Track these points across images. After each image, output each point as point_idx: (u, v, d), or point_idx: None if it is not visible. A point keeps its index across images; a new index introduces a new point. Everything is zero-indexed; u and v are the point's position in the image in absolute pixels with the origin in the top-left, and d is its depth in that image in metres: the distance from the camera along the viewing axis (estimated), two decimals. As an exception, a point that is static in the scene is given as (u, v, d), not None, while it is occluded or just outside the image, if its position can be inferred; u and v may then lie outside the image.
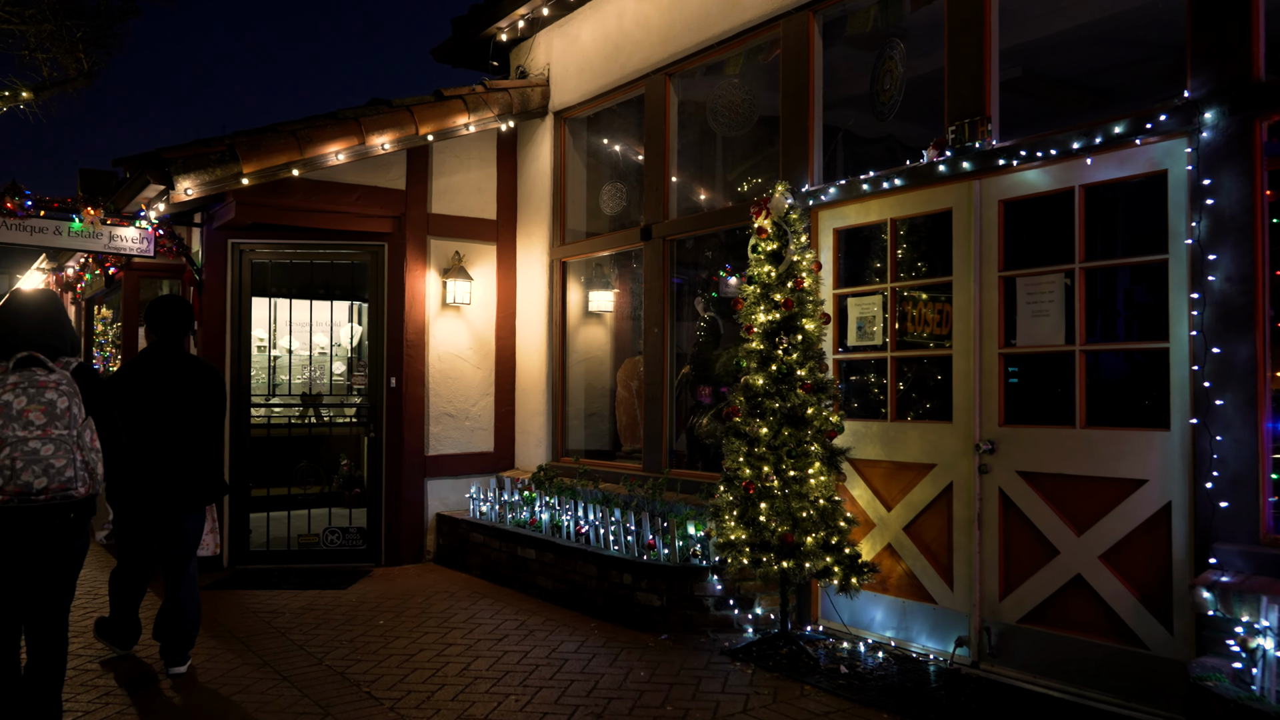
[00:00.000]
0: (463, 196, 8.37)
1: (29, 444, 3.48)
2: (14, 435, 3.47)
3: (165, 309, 5.11)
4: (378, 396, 8.03)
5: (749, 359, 5.36)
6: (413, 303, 8.03)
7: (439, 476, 8.18)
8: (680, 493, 6.46)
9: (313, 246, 8.05)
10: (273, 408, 8.84)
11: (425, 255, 8.12)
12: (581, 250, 8.05)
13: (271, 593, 6.96)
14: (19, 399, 3.53)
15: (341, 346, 11.63)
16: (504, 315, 8.55)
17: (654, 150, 7.13)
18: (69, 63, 12.23)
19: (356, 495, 10.51)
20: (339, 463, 10.74)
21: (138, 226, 7.66)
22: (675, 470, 6.66)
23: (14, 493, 3.46)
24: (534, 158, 8.45)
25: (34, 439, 3.49)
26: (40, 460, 3.49)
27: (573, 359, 8.28)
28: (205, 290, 7.84)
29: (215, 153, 6.79)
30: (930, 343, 5.75)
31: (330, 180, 7.69)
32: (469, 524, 7.64)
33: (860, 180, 5.45)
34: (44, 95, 11.79)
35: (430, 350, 8.16)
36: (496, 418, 8.50)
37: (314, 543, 8.01)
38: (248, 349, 7.99)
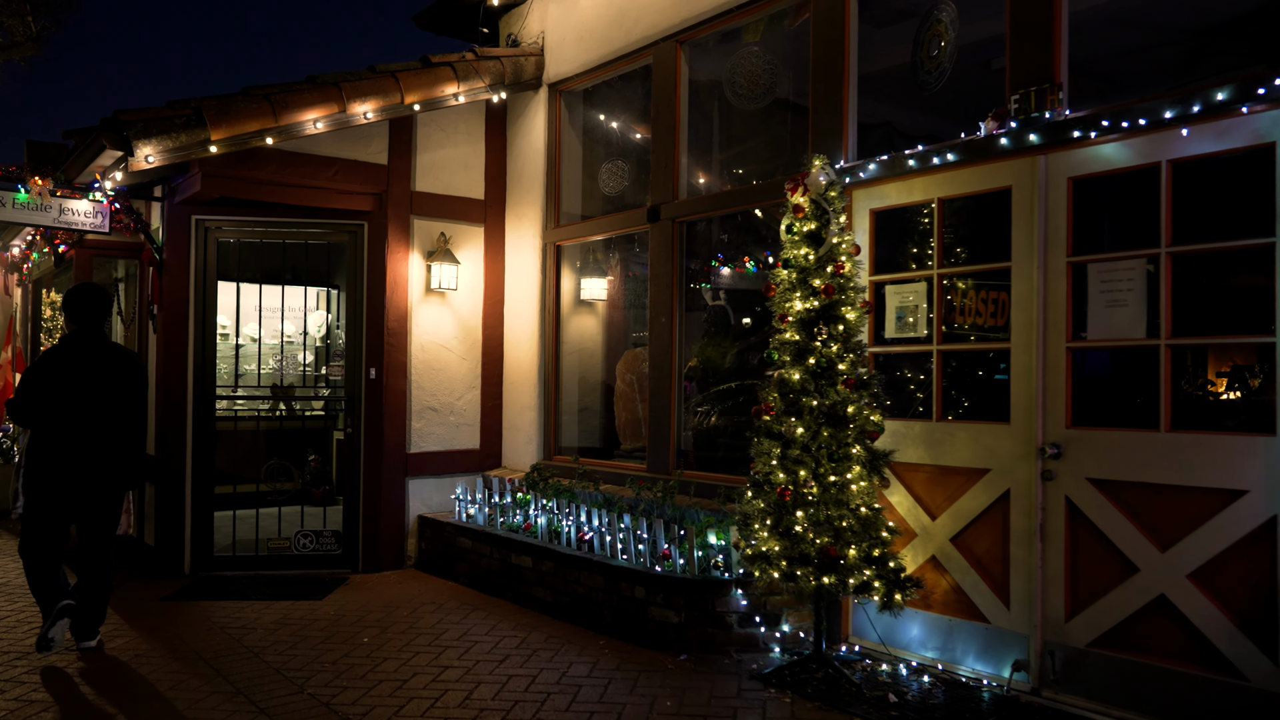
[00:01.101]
0: (449, 174, 7.76)
1: None
2: None
3: (82, 296, 5.19)
4: (356, 389, 7.40)
5: (782, 350, 4.84)
6: (394, 288, 7.42)
7: (421, 476, 7.58)
8: (694, 496, 5.93)
9: (286, 225, 7.39)
10: (237, 400, 8.19)
11: (408, 236, 7.51)
12: (578, 233, 7.48)
13: (240, 604, 6.33)
14: None
15: (310, 335, 10.96)
16: (491, 302, 7.96)
17: (663, 125, 6.58)
18: (15, 26, 11.40)
19: (325, 493, 9.90)
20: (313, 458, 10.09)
21: (91, 199, 6.97)
22: (688, 472, 6.12)
23: None
24: (526, 133, 7.86)
25: None
26: None
27: (564, 350, 7.71)
28: (166, 271, 7.16)
29: (180, 117, 6.13)
30: (973, 335, 5.27)
31: (306, 152, 7.05)
32: (455, 527, 7.06)
33: (905, 156, 4.95)
34: (-11, 61, 10.96)
35: (413, 339, 7.54)
36: (483, 412, 7.91)
37: (284, 547, 7.38)
38: (212, 337, 7.33)
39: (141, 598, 6.51)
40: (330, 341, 10.92)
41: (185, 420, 7.17)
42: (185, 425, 7.17)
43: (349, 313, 7.47)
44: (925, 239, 5.17)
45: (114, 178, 6.58)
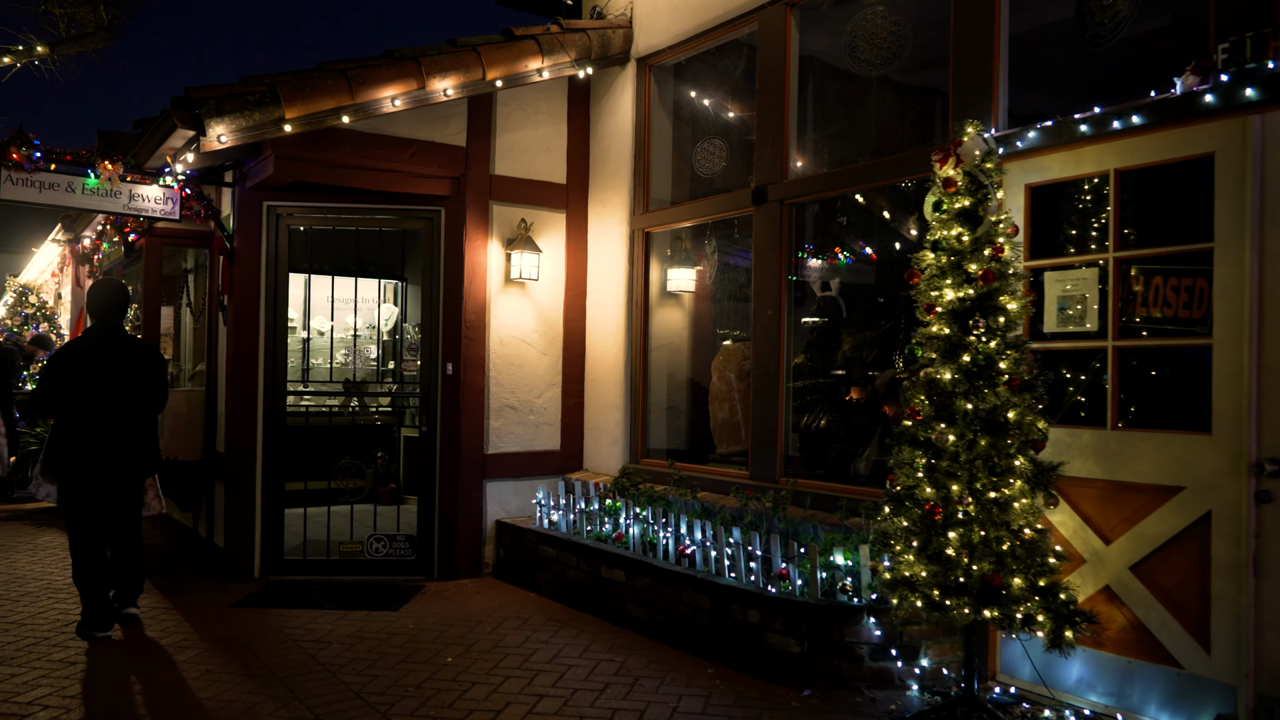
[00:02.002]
0: (529, 156, 7.27)
1: None
2: None
3: (102, 292, 5.51)
4: (431, 385, 6.96)
5: (927, 347, 4.24)
6: (473, 277, 6.95)
7: (499, 478, 7.11)
8: (809, 509, 5.35)
9: (359, 212, 6.97)
10: (306, 396, 7.82)
11: (487, 223, 7.04)
12: (670, 219, 6.94)
13: (313, 613, 5.92)
14: None
15: (378, 329, 10.61)
16: (573, 294, 7.45)
17: (769, 98, 6.00)
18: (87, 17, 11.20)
19: (392, 492, 9.53)
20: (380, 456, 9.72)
21: (161, 184, 6.61)
22: (801, 480, 5.54)
23: None
24: (611, 112, 7.33)
25: None
26: None
27: (651, 345, 7.18)
28: (237, 260, 6.78)
29: (254, 94, 5.72)
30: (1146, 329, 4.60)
31: (382, 133, 6.61)
32: (537, 535, 6.57)
33: (1075, 121, 4.31)
34: (61, 51, 10.77)
35: (491, 333, 7.08)
36: (564, 411, 7.41)
37: (357, 552, 6.96)
38: (284, 329, 6.94)
39: (211, 604, 6.14)
40: (397, 335, 10.55)
41: (255, 417, 6.79)
42: (255, 422, 6.79)
43: (425, 304, 7.03)
44: (1092, 218, 4.53)
45: (185, 160, 6.20)
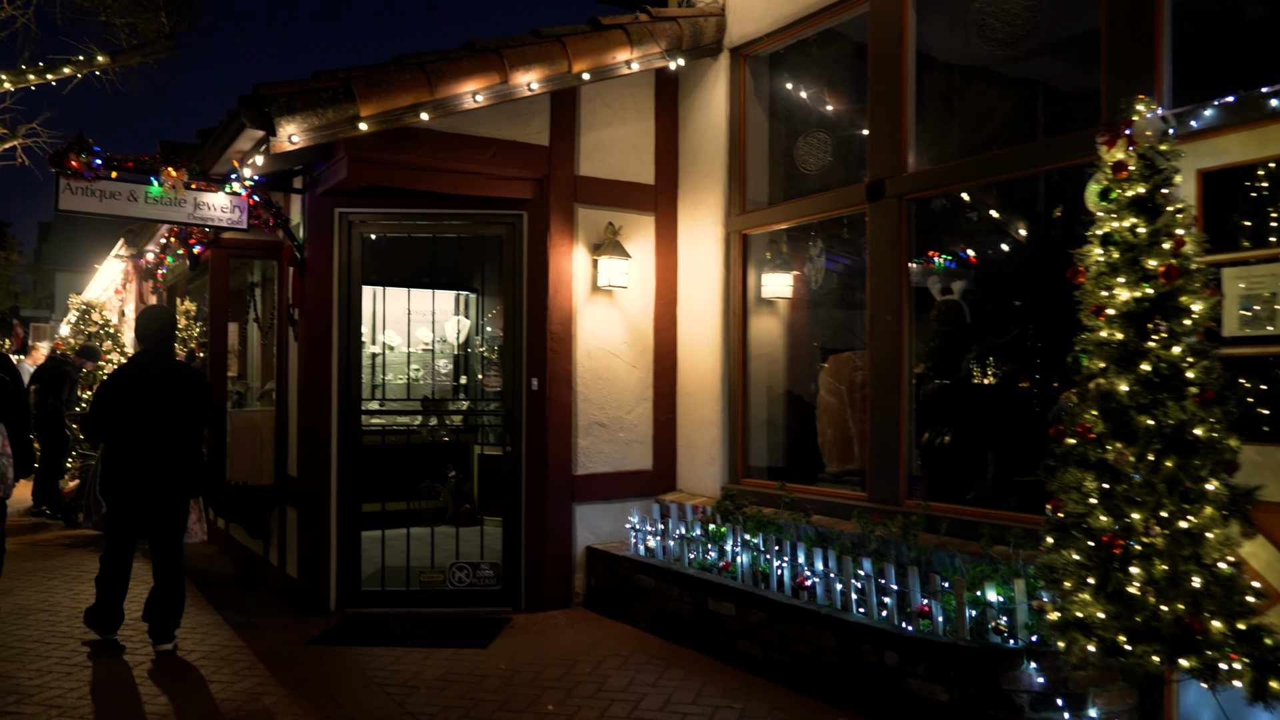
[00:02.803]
0: (615, 156, 6.81)
1: None
2: None
3: (149, 319, 5.67)
4: (515, 401, 6.50)
5: (1096, 354, 3.67)
6: (558, 286, 6.49)
7: (589, 501, 6.63)
8: (945, 535, 4.78)
9: (436, 218, 6.56)
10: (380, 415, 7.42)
11: (572, 227, 6.58)
12: (771, 219, 6.41)
13: (395, 652, 5.48)
14: None
15: (449, 343, 10.23)
16: (663, 302, 6.96)
17: (884, 84, 5.46)
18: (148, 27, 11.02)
19: (468, 513, 9.11)
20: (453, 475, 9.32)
21: (228, 192, 6.26)
22: (934, 504, 4.96)
23: None
24: (702, 107, 6.84)
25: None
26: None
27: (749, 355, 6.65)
28: (308, 271, 6.40)
29: (326, 90, 5.33)
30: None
31: (461, 132, 6.20)
32: (633, 562, 6.07)
33: (1266, 96, 3.72)
34: (122, 61, 10.58)
35: (578, 345, 6.61)
36: (655, 428, 6.91)
37: (438, 582, 6.52)
38: (358, 344, 6.54)
39: (286, 640, 5.73)
40: (469, 349, 10.16)
41: (329, 438, 6.39)
42: (329, 444, 6.39)
43: (507, 316, 6.58)
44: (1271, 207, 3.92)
45: (254, 163, 5.83)
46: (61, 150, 5.81)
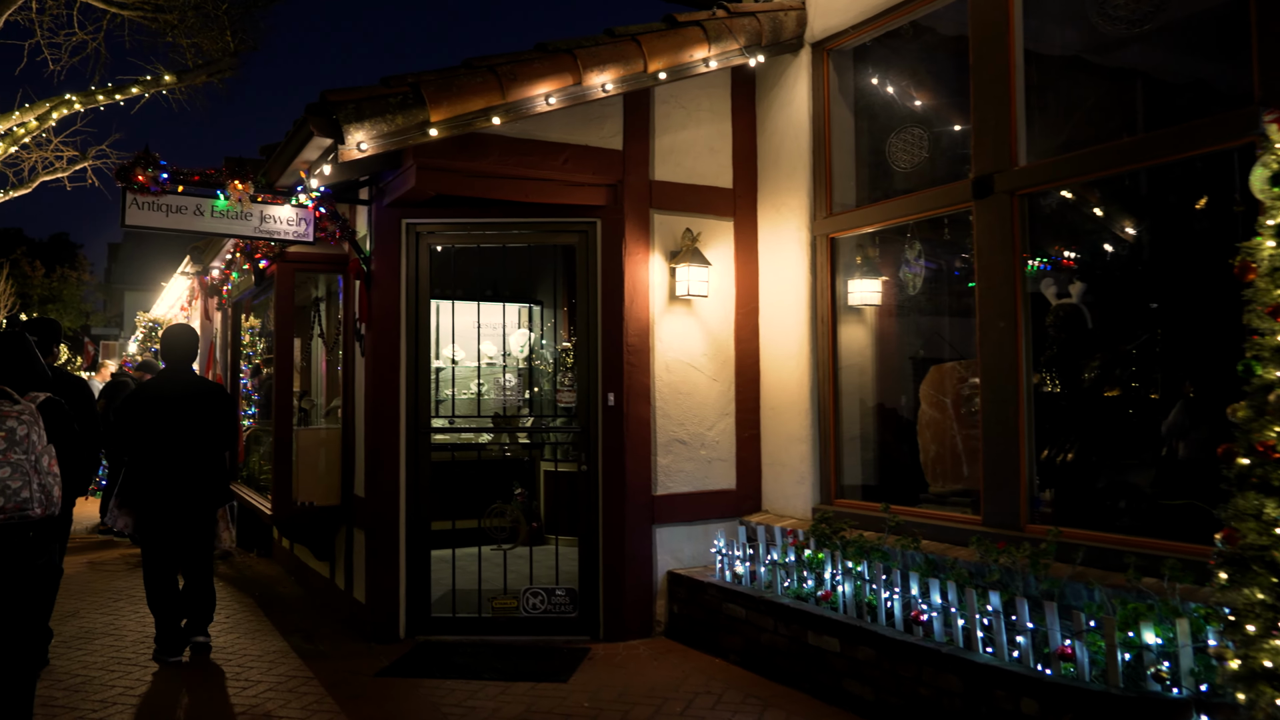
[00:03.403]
0: (691, 159, 6.46)
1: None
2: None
3: (174, 338, 5.90)
4: (590, 417, 6.18)
5: (1274, 362, 3.22)
6: (634, 296, 6.16)
7: (669, 523, 6.27)
8: (1081, 565, 4.32)
9: (505, 227, 6.27)
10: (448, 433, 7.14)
11: (648, 235, 6.25)
12: (861, 221, 6.01)
13: (470, 685, 5.16)
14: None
15: (513, 357, 9.96)
16: (744, 311, 6.59)
17: (989, 71, 5.04)
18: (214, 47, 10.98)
19: (533, 531, 8.82)
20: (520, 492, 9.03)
21: (294, 204, 6.04)
22: (1069, 530, 4.49)
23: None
24: (782, 105, 6.47)
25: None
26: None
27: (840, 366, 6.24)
28: (375, 284, 6.15)
29: (396, 95, 5.06)
30: None
31: (532, 138, 5.91)
32: (721, 590, 5.69)
33: None
34: (188, 80, 10.53)
35: (656, 358, 6.26)
36: (738, 445, 6.53)
37: (511, 608, 6.21)
38: (426, 359, 6.27)
39: (355, 670, 5.46)
40: (535, 364, 9.88)
41: (398, 457, 6.12)
42: (398, 463, 6.12)
43: (581, 328, 6.26)
44: None
45: (321, 173, 5.59)
46: (128, 165, 5.65)
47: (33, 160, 12.03)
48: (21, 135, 9.82)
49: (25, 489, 3.76)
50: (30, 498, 3.78)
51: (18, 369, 4.12)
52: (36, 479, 3.81)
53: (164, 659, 5.68)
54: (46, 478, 3.86)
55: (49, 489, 3.86)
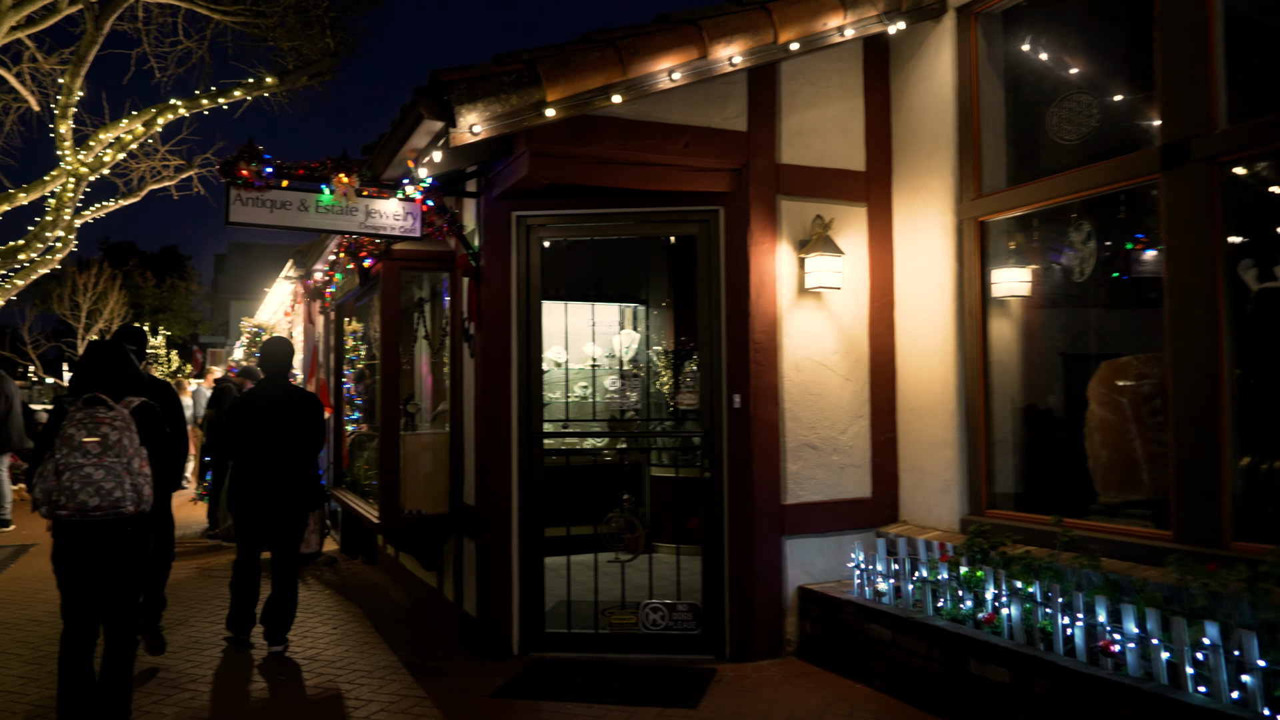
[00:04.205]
0: (820, 140, 5.97)
1: (84, 469, 4.02)
2: (74, 461, 4.03)
3: (272, 350, 6.19)
4: (714, 421, 5.73)
5: None
6: (760, 289, 5.69)
7: (800, 534, 5.77)
8: (1311, 592, 3.69)
9: (620, 218, 5.88)
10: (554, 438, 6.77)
11: (775, 222, 5.77)
12: (1018, 201, 5.41)
13: (593, 710, 4.76)
14: (80, 431, 4.06)
15: (617, 357, 9.59)
16: (878, 304, 6.06)
17: (1181, 21, 4.43)
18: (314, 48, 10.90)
19: (640, 539, 8.40)
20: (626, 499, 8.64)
21: (400, 198, 5.75)
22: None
23: (75, 509, 4.02)
24: (922, 78, 5.93)
25: (89, 465, 4.03)
26: (93, 483, 4.02)
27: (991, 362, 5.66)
28: (484, 282, 5.81)
29: (510, 73, 4.71)
30: None
31: (651, 120, 5.49)
32: (861, 608, 5.18)
33: None
34: (289, 82, 10.46)
35: (784, 356, 5.78)
36: (874, 450, 6.00)
37: (629, 624, 5.80)
38: (538, 359, 5.91)
39: (468, 689, 5.12)
40: (640, 365, 9.47)
41: (509, 464, 5.78)
42: (509, 470, 5.78)
43: (703, 325, 5.82)
44: None
45: (431, 160, 5.27)
46: (232, 159, 5.43)
47: (142, 170, 12.18)
48: (129, 141, 9.85)
49: (118, 489, 4.07)
50: (123, 496, 4.08)
51: (113, 376, 4.36)
52: (129, 479, 4.11)
53: (232, 632, 6.12)
54: (138, 478, 4.15)
55: (140, 488, 4.15)
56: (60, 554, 4.19)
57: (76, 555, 4.15)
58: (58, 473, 4.01)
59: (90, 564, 4.16)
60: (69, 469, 4.00)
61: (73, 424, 4.06)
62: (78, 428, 4.05)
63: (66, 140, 9.85)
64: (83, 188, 9.98)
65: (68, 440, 4.03)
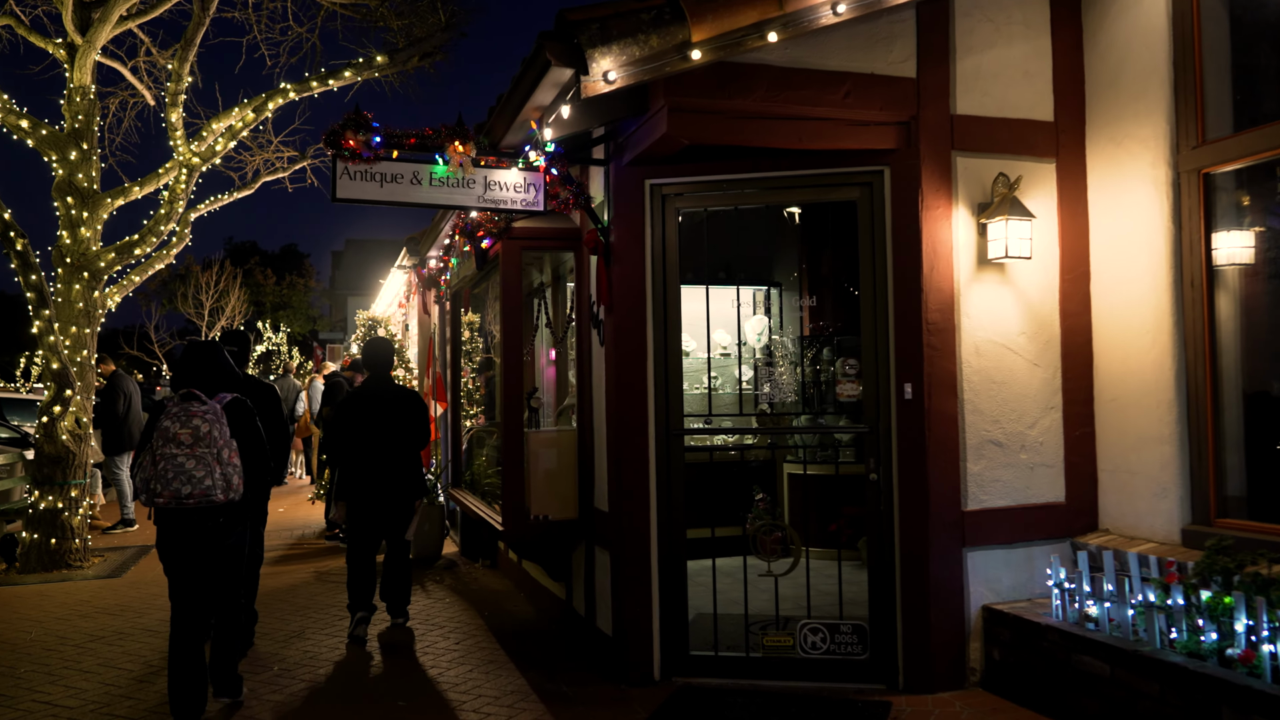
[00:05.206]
0: (1001, 86, 5.13)
1: (177, 459, 4.28)
2: (169, 452, 4.28)
3: (375, 350, 6.38)
4: (880, 414, 4.97)
5: None
6: (934, 261, 4.90)
7: (983, 545, 4.97)
8: None
9: (771, 183, 5.16)
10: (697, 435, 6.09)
11: (950, 183, 4.97)
12: (1258, 146, 4.47)
13: (755, 755, 4.08)
14: (174, 424, 4.31)
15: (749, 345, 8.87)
16: (1070, 277, 5.19)
17: None
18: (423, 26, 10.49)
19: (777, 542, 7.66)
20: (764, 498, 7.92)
21: (520, 167, 5.17)
22: None
23: (170, 496, 4.28)
24: (1125, 7, 5.02)
25: (181, 455, 4.28)
26: (185, 472, 4.27)
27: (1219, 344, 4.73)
28: (616, 260, 5.19)
29: (649, 9, 4.06)
30: None
31: (806, 66, 4.75)
32: (1067, 635, 4.36)
33: None
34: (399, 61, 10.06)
35: (963, 338, 4.98)
36: (1068, 446, 5.14)
37: (785, 646, 5.10)
38: (676, 349, 5.26)
39: (606, 723, 4.50)
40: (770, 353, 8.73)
41: (647, 464, 5.15)
42: (647, 472, 5.15)
43: (866, 303, 5.06)
44: None
45: (559, 117, 4.63)
46: (337, 128, 4.93)
47: (256, 163, 12.02)
48: (240, 129, 9.58)
49: (208, 478, 4.31)
50: (213, 485, 4.32)
51: (207, 374, 4.63)
52: (219, 469, 4.35)
53: (352, 613, 6.17)
54: (227, 468, 4.38)
55: (230, 478, 4.38)
56: (161, 541, 4.51)
57: (174, 541, 4.46)
58: (154, 462, 4.30)
59: (187, 550, 4.45)
60: (164, 459, 4.28)
61: (168, 417, 4.34)
62: (172, 420, 4.33)
63: (178, 130, 9.66)
64: (195, 179, 9.78)
65: (163, 432, 4.31)
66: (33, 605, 7.23)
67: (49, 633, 6.38)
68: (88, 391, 9.17)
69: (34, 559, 8.54)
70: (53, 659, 5.76)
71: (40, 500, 8.68)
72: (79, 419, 8.91)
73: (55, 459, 8.75)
